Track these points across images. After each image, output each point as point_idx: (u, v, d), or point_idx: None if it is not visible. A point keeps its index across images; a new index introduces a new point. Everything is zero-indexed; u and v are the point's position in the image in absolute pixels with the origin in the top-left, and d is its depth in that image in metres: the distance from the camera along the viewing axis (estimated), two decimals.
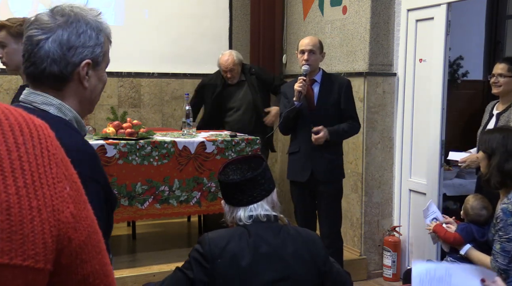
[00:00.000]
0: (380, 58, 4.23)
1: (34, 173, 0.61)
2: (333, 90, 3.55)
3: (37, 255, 0.59)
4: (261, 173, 1.91)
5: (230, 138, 3.82)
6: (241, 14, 5.39)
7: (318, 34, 4.77)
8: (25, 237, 0.58)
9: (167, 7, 5.03)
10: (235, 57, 4.39)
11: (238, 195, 1.89)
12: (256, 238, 1.81)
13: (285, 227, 1.93)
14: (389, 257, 4.23)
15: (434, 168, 3.95)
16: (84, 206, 0.68)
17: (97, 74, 1.35)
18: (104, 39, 1.34)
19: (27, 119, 0.65)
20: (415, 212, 4.19)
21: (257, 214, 1.87)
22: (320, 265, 1.88)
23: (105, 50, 1.35)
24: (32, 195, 0.60)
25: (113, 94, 4.84)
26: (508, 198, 2.48)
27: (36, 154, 0.62)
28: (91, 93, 1.34)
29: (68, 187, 0.65)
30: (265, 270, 1.78)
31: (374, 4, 4.16)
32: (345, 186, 4.32)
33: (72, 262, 0.65)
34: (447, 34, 3.84)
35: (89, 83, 1.32)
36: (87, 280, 0.68)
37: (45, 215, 0.60)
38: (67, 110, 1.30)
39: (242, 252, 1.77)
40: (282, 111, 3.60)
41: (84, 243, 0.66)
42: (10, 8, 4.56)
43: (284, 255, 1.82)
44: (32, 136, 0.63)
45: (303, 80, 3.42)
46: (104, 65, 1.37)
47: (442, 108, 3.89)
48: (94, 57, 1.31)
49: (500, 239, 2.43)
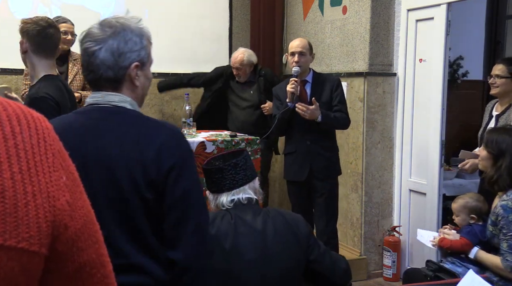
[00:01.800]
0: (380, 58, 4.23)
1: (30, 160, 0.62)
2: (324, 89, 3.59)
3: (32, 238, 0.60)
4: (243, 159, 2.02)
5: (230, 138, 3.82)
6: (241, 14, 5.38)
7: (318, 34, 4.77)
8: (19, 219, 0.59)
9: (167, 7, 5.03)
10: (245, 57, 4.40)
11: (221, 180, 1.98)
12: (236, 219, 1.91)
13: (266, 208, 2.04)
14: (389, 257, 4.23)
15: (434, 168, 3.96)
16: (80, 196, 0.69)
17: (144, 73, 1.56)
18: (146, 42, 1.56)
19: (25, 111, 0.66)
20: (415, 212, 4.19)
21: (238, 198, 1.97)
22: (303, 243, 1.94)
23: (148, 51, 1.56)
24: (27, 181, 0.61)
25: None
26: (507, 195, 2.47)
27: (33, 143, 0.64)
28: (141, 90, 1.57)
29: (65, 177, 0.67)
30: (246, 249, 1.86)
31: (374, 4, 4.16)
32: (345, 186, 4.33)
33: (69, 250, 0.66)
34: (447, 34, 3.84)
35: (139, 81, 1.54)
36: (84, 268, 0.68)
37: (40, 200, 0.62)
38: (135, 105, 1.55)
39: (225, 232, 1.87)
40: (275, 113, 3.61)
41: (80, 231, 0.67)
42: (10, 8, 4.56)
43: (264, 235, 1.89)
44: (29, 127, 0.64)
45: (295, 81, 3.45)
46: (148, 65, 1.58)
47: (442, 108, 3.89)
48: (141, 59, 1.53)
49: (506, 237, 2.42)
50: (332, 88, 3.59)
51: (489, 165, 2.57)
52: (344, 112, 3.60)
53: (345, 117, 3.58)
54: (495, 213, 2.51)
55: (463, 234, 2.75)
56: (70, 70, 3.98)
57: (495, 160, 2.54)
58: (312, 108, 3.39)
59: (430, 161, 3.99)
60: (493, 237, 2.56)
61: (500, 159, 2.51)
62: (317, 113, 3.41)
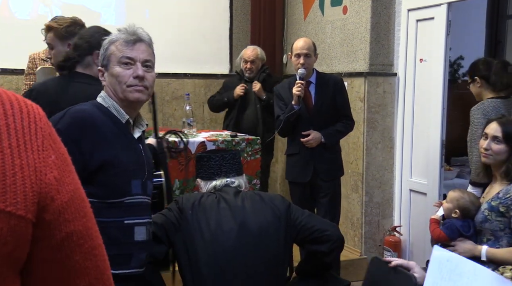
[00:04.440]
0: (381, 58, 4.23)
1: (19, 138, 0.70)
2: (328, 89, 3.60)
3: (18, 203, 0.67)
4: (231, 154, 2.33)
5: (230, 138, 3.82)
6: (242, 14, 5.38)
7: (319, 34, 4.77)
8: (7, 187, 0.67)
9: (167, 7, 5.03)
10: (259, 51, 4.44)
11: (216, 169, 2.26)
12: (219, 198, 2.17)
13: (244, 191, 2.28)
14: (390, 257, 4.23)
15: (434, 168, 3.95)
16: (69, 175, 0.76)
17: (109, 72, 1.89)
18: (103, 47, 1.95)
19: (19, 98, 0.74)
20: (416, 212, 4.18)
21: (227, 182, 2.25)
22: (282, 216, 2.15)
23: (105, 54, 1.89)
24: (16, 155, 0.69)
25: None
26: None
27: (24, 125, 0.71)
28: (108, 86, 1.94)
29: (54, 156, 0.74)
30: (227, 220, 2.10)
31: (375, 4, 4.16)
32: (346, 186, 4.32)
33: (56, 219, 0.72)
34: (448, 34, 3.84)
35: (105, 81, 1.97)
36: (71, 238, 0.74)
37: (27, 172, 0.69)
38: (105, 98, 1.91)
39: (209, 207, 2.13)
40: (279, 114, 3.59)
41: (67, 204, 0.74)
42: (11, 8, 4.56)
43: (243, 209, 2.13)
44: (21, 111, 0.72)
45: (301, 84, 3.44)
46: (111, 64, 1.88)
47: (443, 108, 3.89)
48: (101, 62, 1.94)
49: None
50: (335, 90, 3.59)
51: (505, 157, 2.55)
52: (348, 116, 3.62)
53: (348, 124, 3.64)
54: (506, 198, 2.45)
55: (443, 227, 2.76)
56: None
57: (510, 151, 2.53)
58: (311, 137, 3.47)
59: (431, 160, 3.99)
60: (485, 221, 2.53)
61: None
62: (319, 137, 3.48)
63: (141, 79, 1.84)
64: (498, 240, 2.50)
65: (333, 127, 3.56)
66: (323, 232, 2.16)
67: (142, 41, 1.88)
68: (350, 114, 3.65)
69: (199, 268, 2.06)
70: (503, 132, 2.55)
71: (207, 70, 5.18)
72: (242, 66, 4.46)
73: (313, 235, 2.16)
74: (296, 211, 2.22)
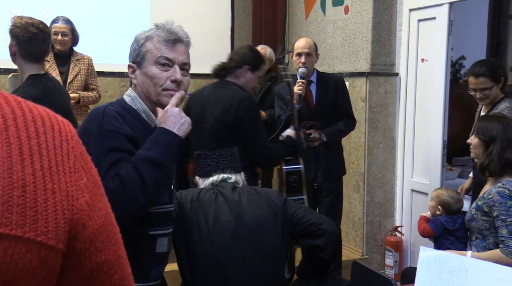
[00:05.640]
0: (382, 58, 4.23)
1: (51, 159, 0.65)
2: (329, 89, 3.60)
3: (49, 232, 0.62)
4: (235, 151, 2.38)
5: None
6: (243, 14, 5.38)
7: (320, 34, 4.77)
8: (38, 214, 0.61)
9: (169, 7, 5.03)
10: (268, 51, 4.39)
11: (213, 166, 2.31)
12: (217, 192, 2.20)
13: (241, 186, 2.31)
14: (391, 257, 4.23)
15: (436, 168, 3.95)
16: (100, 198, 0.71)
17: (142, 71, 1.75)
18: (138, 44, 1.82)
19: (50, 114, 0.69)
20: (417, 212, 4.17)
21: (225, 177, 2.29)
22: (278, 210, 2.17)
23: (141, 52, 1.77)
24: (48, 178, 0.63)
25: (115, 94, 4.84)
26: (503, 184, 2.51)
27: (56, 144, 0.66)
28: (140, 87, 1.78)
29: (85, 178, 0.68)
30: (223, 213, 2.13)
31: (376, 4, 4.16)
32: (347, 186, 4.32)
33: (87, 249, 0.68)
34: (449, 34, 3.84)
35: (136, 79, 1.83)
36: (101, 268, 0.70)
37: (59, 198, 0.64)
38: (135, 99, 1.78)
39: (207, 201, 2.16)
40: (280, 114, 3.60)
41: (99, 231, 0.69)
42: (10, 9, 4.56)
43: (240, 203, 2.16)
44: (53, 128, 0.67)
45: (302, 83, 3.44)
46: (147, 63, 1.76)
47: (444, 108, 3.88)
48: (133, 59, 1.83)
49: (505, 223, 2.45)
50: (336, 89, 3.60)
51: (481, 151, 2.64)
52: (349, 115, 3.62)
53: (350, 123, 3.63)
54: (489, 199, 2.52)
55: (429, 223, 2.97)
56: (71, 70, 3.95)
57: (486, 146, 2.60)
58: (312, 136, 3.43)
59: (432, 160, 3.99)
60: (472, 220, 2.61)
61: (491, 145, 2.58)
62: (321, 136, 3.46)
63: (178, 84, 1.71)
64: (485, 239, 2.58)
65: (334, 126, 3.56)
66: (319, 226, 2.18)
67: (182, 41, 1.74)
68: (351, 113, 3.65)
69: (198, 261, 2.08)
70: (477, 127, 2.68)
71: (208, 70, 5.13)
72: None
73: (309, 228, 2.18)
74: (292, 205, 2.24)
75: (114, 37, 4.87)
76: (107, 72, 4.78)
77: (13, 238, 0.59)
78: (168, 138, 1.62)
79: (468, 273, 1.67)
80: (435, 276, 1.72)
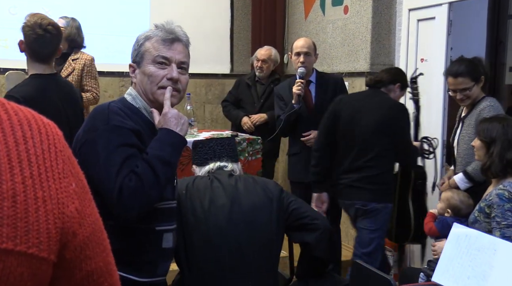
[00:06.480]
0: (382, 58, 4.23)
1: (40, 165, 0.62)
2: (328, 89, 3.59)
3: (41, 244, 0.59)
4: (232, 140, 2.39)
5: None
6: (242, 14, 5.39)
7: (320, 34, 4.77)
8: (29, 225, 0.58)
9: (169, 7, 5.04)
10: (273, 52, 4.39)
11: (210, 154, 2.31)
12: (213, 178, 2.21)
13: (238, 174, 2.32)
14: (391, 257, 4.22)
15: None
16: (89, 204, 0.68)
17: (141, 70, 1.78)
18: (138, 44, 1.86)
19: (36, 117, 0.66)
20: None
21: (221, 165, 2.29)
22: (275, 198, 2.17)
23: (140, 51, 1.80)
24: (38, 186, 0.60)
25: (114, 94, 4.84)
26: (504, 185, 2.50)
27: (44, 149, 0.63)
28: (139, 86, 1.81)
29: (74, 184, 0.66)
30: (219, 197, 2.14)
31: (376, 4, 4.16)
32: None
33: (77, 257, 0.65)
34: (449, 34, 3.84)
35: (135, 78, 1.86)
36: (91, 277, 0.68)
37: (50, 206, 0.61)
38: (136, 97, 1.81)
39: (203, 187, 2.17)
40: (279, 114, 3.59)
41: (89, 239, 0.67)
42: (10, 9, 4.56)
43: (236, 188, 2.17)
44: (40, 132, 0.64)
45: (301, 83, 3.43)
46: (145, 63, 1.80)
47: (444, 108, 3.88)
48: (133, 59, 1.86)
49: (499, 225, 2.44)
50: (336, 89, 3.59)
51: (483, 153, 2.63)
52: None
53: None
54: (489, 200, 2.52)
55: (435, 222, 2.94)
56: (63, 70, 3.83)
57: (488, 147, 2.60)
58: (312, 136, 3.46)
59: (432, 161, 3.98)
60: (475, 222, 2.59)
61: (492, 146, 2.57)
62: None
63: (174, 82, 1.74)
64: None
65: None
66: (313, 220, 2.19)
67: (180, 41, 1.77)
68: None
69: (193, 245, 2.07)
70: (478, 128, 2.69)
71: (208, 70, 5.19)
72: (254, 65, 4.44)
73: (303, 220, 2.18)
74: (289, 196, 2.25)
75: (113, 37, 4.87)
76: (106, 72, 4.78)
77: (4, 252, 0.57)
78: (174, 138, 1.70)
79: (496, 253, 1.69)
80: (462, 251, 1.74)
